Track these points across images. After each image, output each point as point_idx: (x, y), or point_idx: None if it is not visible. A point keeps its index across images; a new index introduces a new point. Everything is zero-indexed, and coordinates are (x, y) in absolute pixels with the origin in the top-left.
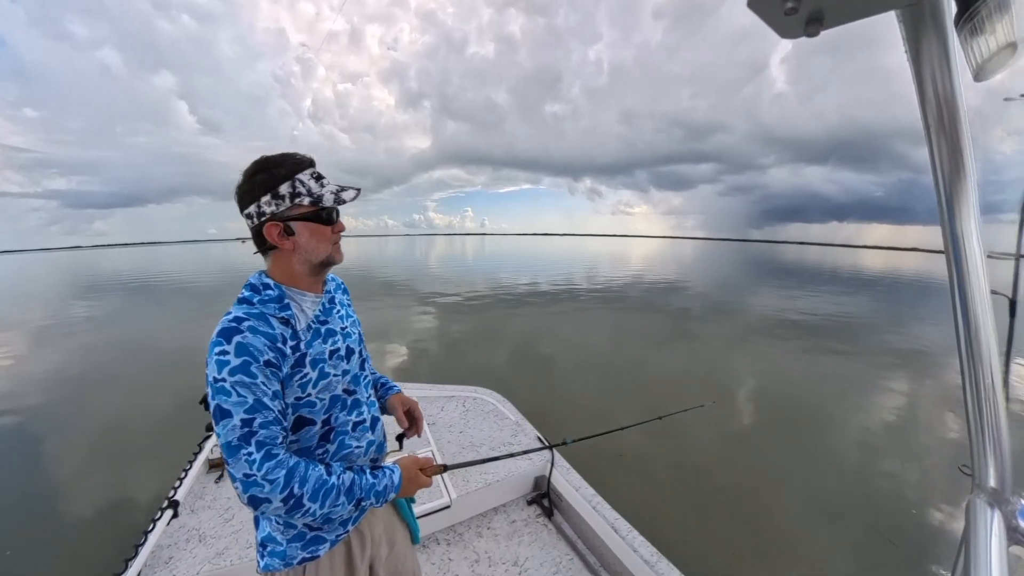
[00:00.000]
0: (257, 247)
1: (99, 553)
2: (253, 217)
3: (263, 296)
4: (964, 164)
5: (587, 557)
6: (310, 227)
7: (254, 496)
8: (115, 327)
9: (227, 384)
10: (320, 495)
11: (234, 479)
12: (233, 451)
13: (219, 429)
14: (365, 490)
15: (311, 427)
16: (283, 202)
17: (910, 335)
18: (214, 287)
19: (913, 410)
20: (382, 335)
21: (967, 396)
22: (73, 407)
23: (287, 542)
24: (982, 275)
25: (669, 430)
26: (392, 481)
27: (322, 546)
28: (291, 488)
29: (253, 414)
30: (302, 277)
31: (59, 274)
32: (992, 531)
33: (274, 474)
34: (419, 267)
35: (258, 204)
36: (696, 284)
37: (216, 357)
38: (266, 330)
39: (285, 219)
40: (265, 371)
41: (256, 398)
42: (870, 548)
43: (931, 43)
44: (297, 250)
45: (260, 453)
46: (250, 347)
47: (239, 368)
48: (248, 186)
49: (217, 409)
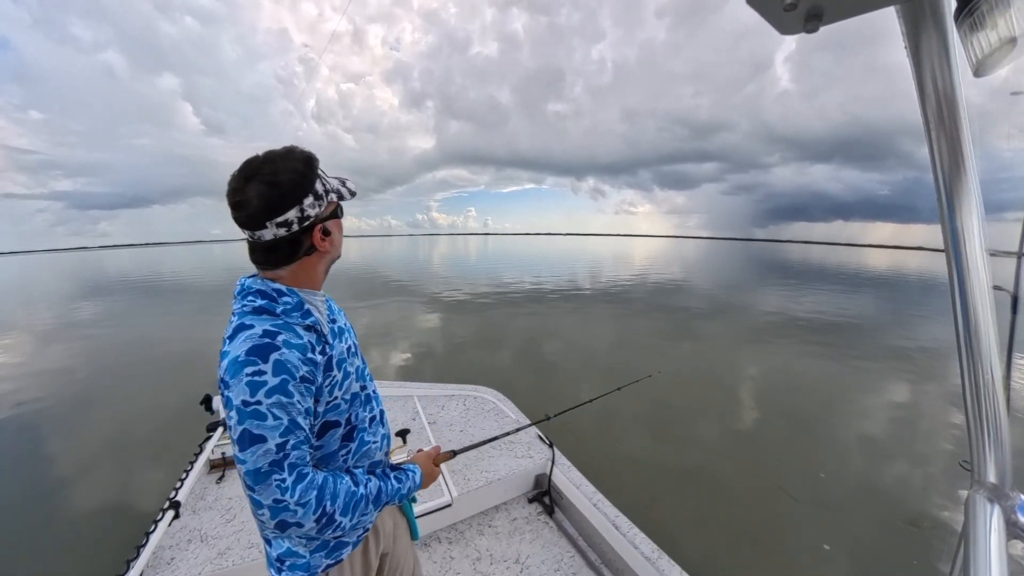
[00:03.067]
0: (278, 257)
1: (100, 554)
2: (292, 223)
3: (283, 305)
4: (964, 160)
5: (588, 554)
6: (336, 224)
7: (284, 522)
8: (117, 327)
9: (262, 407)
10: (351, 508)
11: (260, 505)
12: (263, 478)
13: (246, 455)
14: (391, 495)
15: (336, 429)
16: (322, 201)
17: (914, 334)
18: (217, 286)
19: (918, 407)
20: (384, 335)
21: (966, 392)
22: (75, 407)
23: (310, 553)
24: (982, 272)
25: (670, 429)
26: (415, 482)
27: (346, 550)
28: (323, 507)
29: (287, 436)
30: (318, 279)
31: (65, 276)
32: (992, 526)
33: (307, 496)
34: (422, 267)
35: (301, 208)
36: (701, 284)
37: (249, 379)
38: (298, 342)
39: (323, 220)
40: (300, 388)
41: (291, 418)
42: (871, 543)
43: (931, 39)
44: (330, 251)
45: (292, 476)
46: (288, 364)
47: (277, 388)
48: (278, 192)
49: (246, 435)
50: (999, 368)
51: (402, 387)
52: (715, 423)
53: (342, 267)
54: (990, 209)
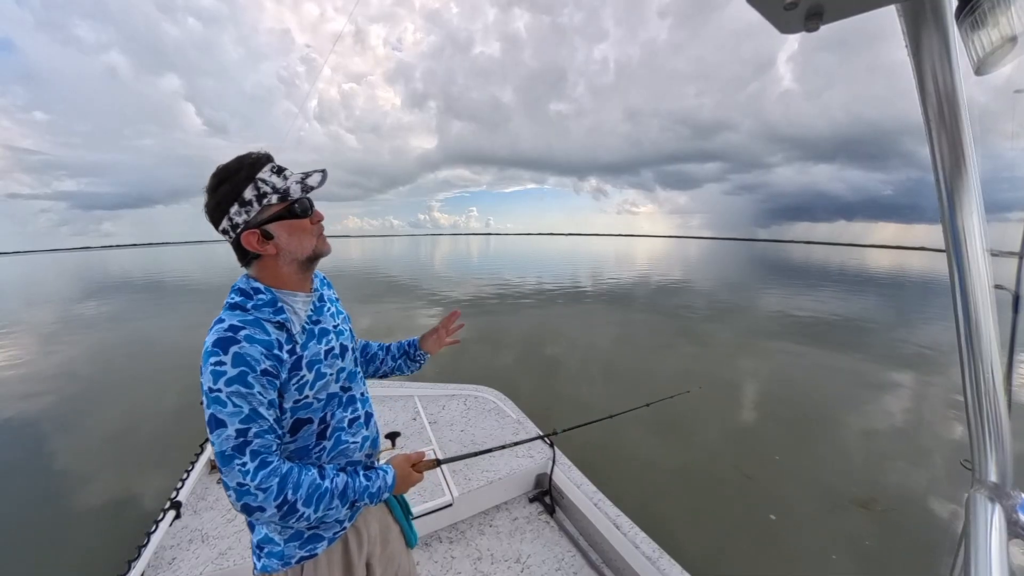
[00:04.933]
0: (240, 260)
1: (102, 553)
2: (229, 232)
3: (256, 301)
4: (965, 159)
5: (589, 554)
6: (286, 225)
7: (247, 505)
8: (119, 327)
9: (223, 395)
10: (314, 500)
11: (228, 487)
12: (227, 460)
13: (213, 438)
14: (359, 492)
15: (309, 426)
16: (252, 207)
17: (918, 332)
18: (218, 286)
19: (923, 405)
20: (386, 335)
21: (967, 391)
22: (76, 407)
23: (284, 542)
24: (983, 271)
25: (671, 428)
26: (386, 482)
27: (320, 544)
28: (285, 495)
29: (248, 424)
30: (291, 277)
31: (68, 275)
32: (992, 525)
33: (268, 482)
34: (423, 267)
35: (229, 217)
36: (704, 284)
37: (212, 368)
38: (262, 337)
39: (259, 224)
40: (262, 380)
41: (252, 408)
42: (872, 542)
43: (931, 37)
44: (280, 252)
45: (255, 463)
46: (247, 357)
47: (236, 379)
48: (214, 201)
49: (212, 419)
50: (1000, 367)
51: (402, 387)
52: (716, 423)
53: (344, 267)
54: (992, 209)
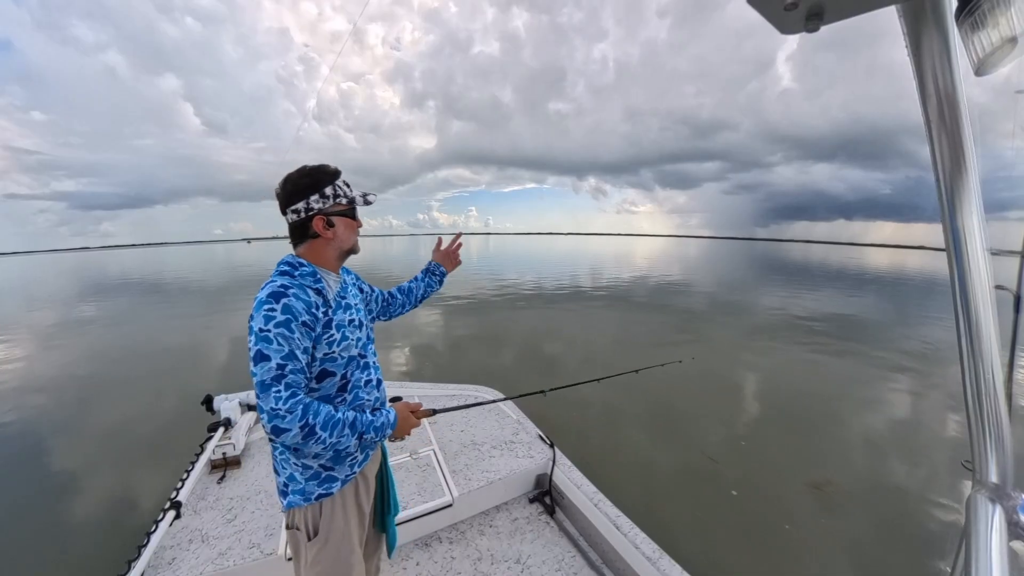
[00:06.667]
0: (296, 237)
1: (102, 553)
2: (301, 211)
3: (300, 271)
4: (965, 159)
5: (589, 554)
6: (345, 221)
7: (277, 426)
8: (119, 328)
9: (271, 334)
10: (329, 426)
11: (261, 411)
12: (266, 388)
13: (256, 370)
14: (366, 425)
15: (332, 379)
16: (327, 200)
17: (920, 331)
18: (218, 286)
19: (925, 404)
20: (385, 335)
21: (967, 392)
22: (76, 407)
23: (305, 480)
24: (984, 271)
25: (671, 427)
26: (388, 419)
27: (335, 484)
28: (307, 419)
29: (287, 361)
30: (331, 261)
31: (67, 276)
32: (993, 526)
33: (295, 408)
34: (422, 267)
35: (307, 201)
36: (704, 283)
37: (265, 312)
38: (305, 297)
39: (328, 214)
40: (302, 329)
41: (291, 349)
42: (872, 541)
43: (932, 38)
44: (335, 239)
45: (287, 392)
46: (293, 308)
47: (283, 323)
48: (297, 186)
49: (258, 354)
50: (1000, 367)
51: (403, 387)
52: (717, 423)
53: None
54: (992, 208)
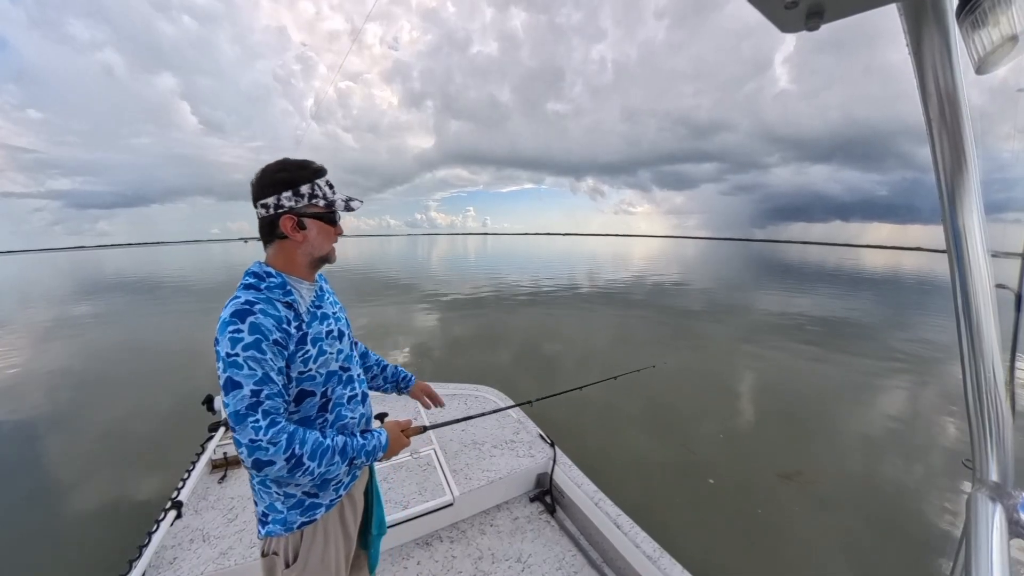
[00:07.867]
0: (264, 236)
1: (103, 553)
2: (270, 207)
3: (268, 283)
4: (966, 159)
5: (590, 553)
6: (320, 225)
7: (258, 459)
8: (118, 327)
9: (240, 358)
10: (318, 454)
11: (239, 444)
12: (241, 419)
13: (228, 399)
14: (356, 450)
15: (311, 398)
16: (302, 200)
17: (920, 331)
18: (218, 285)
19: (925, 403)
20: (385, 335)
21: (968, 391)
22: (76, 407)
23: (287, 510)
24: (984, 271)
25: (671, 427)
26: (380, 442)
27: (318, 511)
28: (292, 449)
29: (261, 386)
30: (301, 268)
31: (63, 275)
32: (994, 525)
33: (278, 438)
34: (421, 267)
35: (278, 197)
36: (701, 284)
37: (230, 335)
38: (274, 312)
39: (300, 214)
40: (274, 348)
41: (264, 372)
42: (872, 541)
43: (932, 36)
44: (305, 243)
45: (266, 421)
46: (261, 327)
47: (252, 345)
48: (270, 180)
49: (228, 381)
50: (1002, 367)
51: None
52: (717, 422)
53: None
54: (992, 209)
